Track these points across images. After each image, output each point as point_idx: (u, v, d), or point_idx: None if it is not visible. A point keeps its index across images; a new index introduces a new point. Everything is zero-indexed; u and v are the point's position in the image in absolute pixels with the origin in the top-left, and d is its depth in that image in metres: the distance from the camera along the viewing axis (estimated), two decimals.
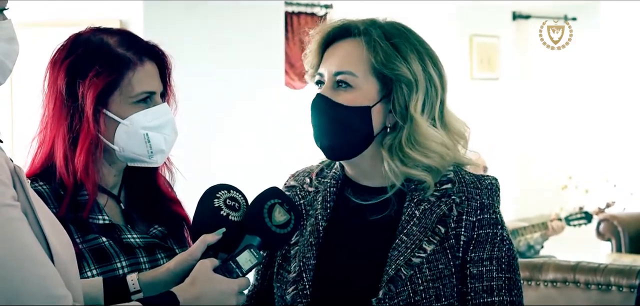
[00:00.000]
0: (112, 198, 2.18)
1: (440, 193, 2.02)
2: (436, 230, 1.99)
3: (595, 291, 3.16)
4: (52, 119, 2.11)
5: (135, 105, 2.11)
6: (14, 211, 1.54)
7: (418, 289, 1.96)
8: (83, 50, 2.10)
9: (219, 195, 1.97)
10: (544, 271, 3.26)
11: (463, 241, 2.00)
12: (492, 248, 2.01)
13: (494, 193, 2.05)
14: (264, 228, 1.91)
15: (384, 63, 2.01)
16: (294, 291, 2.03)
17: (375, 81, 2.02)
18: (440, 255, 1.98)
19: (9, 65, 1.66)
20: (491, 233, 2.02)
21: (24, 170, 1.63)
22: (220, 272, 1.83)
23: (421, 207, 2.01)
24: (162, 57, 2.18)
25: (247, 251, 1.86)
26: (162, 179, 2.28)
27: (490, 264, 2.00)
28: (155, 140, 2.13)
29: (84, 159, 2.07)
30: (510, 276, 2.01)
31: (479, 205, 2.02)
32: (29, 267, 1.52)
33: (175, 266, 1.92)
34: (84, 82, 2.07)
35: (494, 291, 1.99)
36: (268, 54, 6.42)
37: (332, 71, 2.03)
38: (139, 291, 1.90)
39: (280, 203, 1.94)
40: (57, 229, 1.65)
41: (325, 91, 2.03)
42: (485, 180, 2.06)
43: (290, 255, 2.08)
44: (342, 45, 2.06)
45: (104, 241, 2.08)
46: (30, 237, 1.55)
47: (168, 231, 2.22)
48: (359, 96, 2.02)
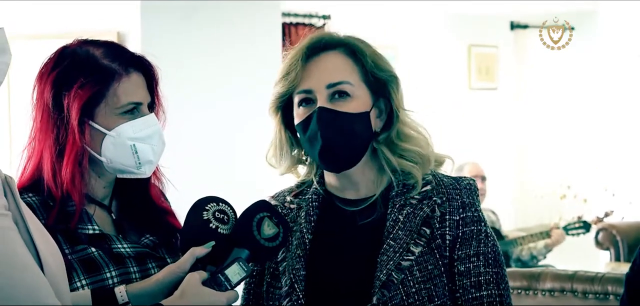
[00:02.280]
0: (103, 208, 2.18)
1: (421, 195, 2.06)
2: (422, 232, 2.02)
3: (593, 300, 3.17)
4: (40, 131, 2.12)
5: (122, 117, 2.11)
6: (5, 220, 1.54)
7: (410, 291, 1.98)
8: (69, 62, 2.11)
9: (208, 207, 1.97)
10: (542, 281, 3.26)
11: (449, 240, 2.03)
12: (477, 244, 2.05)
13: (473, 192, 2.09)
14: (252, 241, 1.91)
15: (375, 67, 2.06)
16: (289, 303, 2.03)
17: (366, 88, 2.06)
18: (428, 256, 2.02)
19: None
20: (475, 230, 2.06)
21: (15, 180, 1.63)
22: (209, 285, 1.83)
23: (404, 211, 2.04)
24: (149, 68, 2.18)
25: (235, 264, 1.87)
26: (155, 189, 2.28)
27: (477, 260, 2.04)
28: (143, 151, 2.13)
29: (70, 170, 2.07)
30: (497, 270, 2.05)
31: (459, 204, 2.06)
32: (19, 276, 1.52)
33: (164, 278, 1.92)
34: (69, 93, 2.07)
35: (482, 286, 2.03)
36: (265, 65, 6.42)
37: (325, 83, 2.04)
38: (127, 303, 1.91)
39: (269, 217, 1.94)
40: (47, 239, 1.65)
41: (325, 104, 2.04)
42: (464, 181, 2.11)
43: (279, 271, 2.09)
44: (327, 57, 2.07)
45: (93, 252, 2.08)
46: (21, 247, 1.55)
47: (160, 241, 2.22)
48: (359, 103, 2.05)
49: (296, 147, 2.16)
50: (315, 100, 2.04)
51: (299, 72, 2.05)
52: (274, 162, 2.18)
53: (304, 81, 2.06)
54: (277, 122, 2.15)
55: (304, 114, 2.06)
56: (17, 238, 1.55)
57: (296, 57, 2.06)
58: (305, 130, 2.05)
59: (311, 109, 2.05)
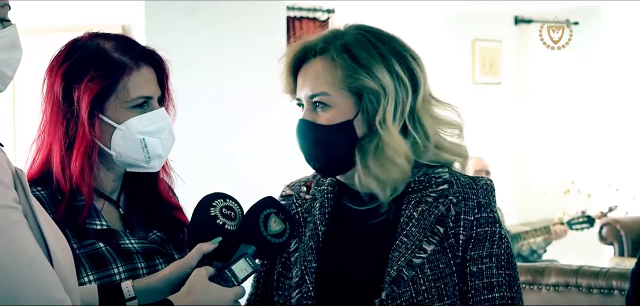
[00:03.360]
0: (111, 203, 2.18)
1: (437, 194, 2.03)
2: (435, 230, 2.00)
3: (597, 295, 3.16)
4: (49, 124, 2.12)
5: (132, 110, 2.10)
6: (15, 213, 1.54)
7: (420, 289, 1.97)
8: (79, 55, 2.10)
9: (215, 203, 1.98)
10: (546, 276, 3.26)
11: (462, 240, 2.01)
12: (490, 246, 2.02)
13: (489, 193, 2.07)
14: (259, 237, 1.92)
15: (345, 79, 2.00)
16: (299, 294, 2.03)
17: (348, 94, 2.01)
18: (440, 255, 2.00)
19: (8, 73, 1.65)
20: (490, 231, 2.03)
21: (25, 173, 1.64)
22: (216, 280, 1.84)
23: (419, 209, 2.02)
24: (160, 62, 2.18)
25: (242, 260, 1.88)
26: (163, 185, 2.28)
27: (490, 261, 2.01)
28: (153, 145, 2.13)
29: (79, 164, 2.07)
30: (510, 273, 2.03)
31: (475, 204, 2.03)
32: (29, 270, 1.52)
33: (171, 274, 1.93)
34: (79, 86, 2.07)
35: (495, 288, 2.00)
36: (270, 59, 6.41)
37: (308, 94, 2.03)
38: (134, 298, 1.91)
39: (276, 213, 1.95)
40: (57, 234, 1.66)
41: (306, 115, 2.04)
42: (481, 181, 2.08)
43: (290, 262, 2.08)
44: (310, 66, 2.05)
45: (101, 247, 2.08)
46: (31, 240, 1.55)
47: (167, 237, 2.22)
48: (337, 113, 2.02)
49: None
50: (304, 107, 2.06)
51: (291, 85, 2.08)
52: None
53: (297, 90, 2.07)
54: None
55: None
56: (26, 231, 1.55)
57: (285, 71, 2.08)
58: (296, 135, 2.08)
59: None
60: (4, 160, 1.57)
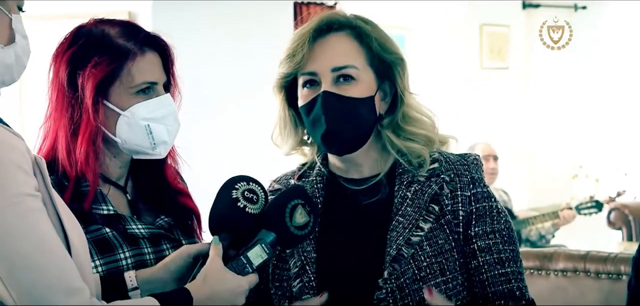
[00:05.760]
0: (118, 189, 2.18)
1: (429, 173, 2.07)
2: (430, 209, 2.03)
3: (606, 280, 3.15)
4: (55, 110, 2.12)
5: (136, 96, 2.10)
6: (35, 202, 1.54)
7: (422, 265, 1.99)
8: (84, 41, 2.10)
9: (238, 186, 1.96)
10: (555, 261, 3.25)
11: (462, 216, 2.04)
12: (491, 221, 2.06)
13: (479, 168, 2.11)
14: (283, 226, 1.91)
15: (381, 50, 2.05)
16: (300, 284, 2.04)
17: (371, 71, 2.06)
18: (438, 232, 2.03)
19: (24, 60, 1.67)
20: (487, 206, 2.07)
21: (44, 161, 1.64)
22: (231, 267, 1.84)
23: (412, 188, 2.05)
24: (165, 48, 2.17)
25: (258, 246, 1.87)
26: (171, 170, 2.28)
27: (495, 237, 2.05)
28: (158, 132, 2.12)
29: (84, 150, 2.07)
30: (513, 247, 2.07)
31: (469, 180, 2.08)
32: (48, 259, 1.53)
33: (172, 262, 1.95)
34: (83, 72, 2.07)
35: (505, 263, 2.04)
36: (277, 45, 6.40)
37: (330, 67, 2.03)
38: (137, 288, 1.91)
39: (303, 205, 1.94)
40: (73, 221, 1.66)
41: (330, 88, 2.02)
42: (470, 157, 2.12)
43: (286, 253, 2.09)
44: (330, 41, 2.05)
45: (107, 232, 2.08)
46: (50, 229, 1.56)
47: (175, 222, 2.22)
48: (364, 88, 2.04)
49: (300, 126, 2.15)
50: (319, 83, 2.04)
51: (305, 53, 2.04)
52: (278, 141, 2.17)
53: (309, 63, 2.04)
54: (281, 100, 2.14)
55: (309, 96, 2.05)
56: (46, 220, 1.56)
57: (303, 39, 2.05)
58: (309, 112, 2.05)
59: (315, 92, 2.04)
60: (23, 148, 1.57)
